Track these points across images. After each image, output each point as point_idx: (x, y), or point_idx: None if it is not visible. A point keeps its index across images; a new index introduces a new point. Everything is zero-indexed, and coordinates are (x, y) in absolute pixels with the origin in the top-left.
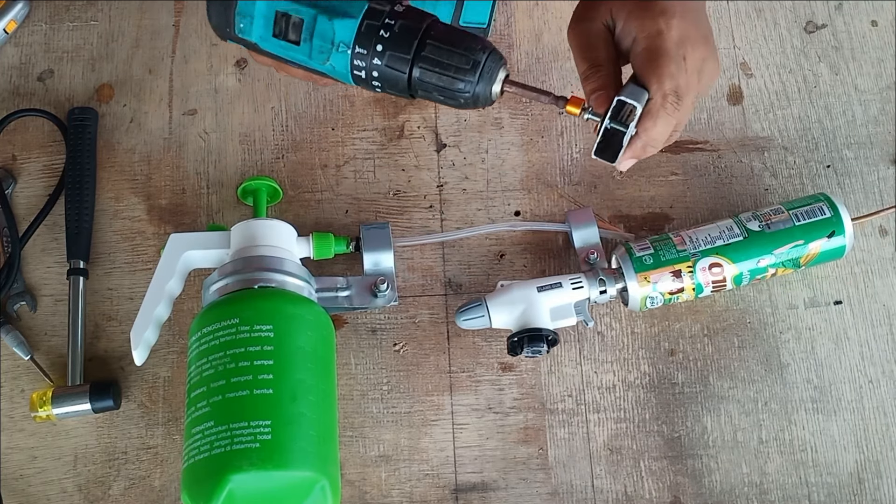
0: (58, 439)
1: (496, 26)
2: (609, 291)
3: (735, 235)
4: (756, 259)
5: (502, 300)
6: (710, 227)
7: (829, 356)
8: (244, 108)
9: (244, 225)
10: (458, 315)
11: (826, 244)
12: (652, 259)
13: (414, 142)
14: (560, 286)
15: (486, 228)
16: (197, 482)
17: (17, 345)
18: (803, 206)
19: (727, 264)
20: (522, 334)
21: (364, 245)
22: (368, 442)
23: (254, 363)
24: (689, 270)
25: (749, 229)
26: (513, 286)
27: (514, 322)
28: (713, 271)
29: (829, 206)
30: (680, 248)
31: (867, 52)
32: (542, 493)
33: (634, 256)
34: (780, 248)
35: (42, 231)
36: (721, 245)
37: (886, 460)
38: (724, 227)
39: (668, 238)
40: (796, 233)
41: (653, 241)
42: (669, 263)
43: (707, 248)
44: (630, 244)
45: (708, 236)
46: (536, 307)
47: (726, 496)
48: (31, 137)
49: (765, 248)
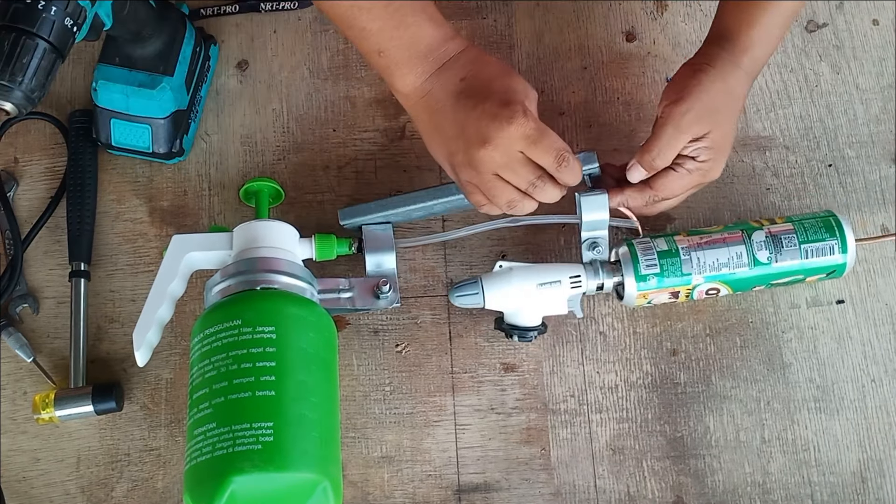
0: (60, 441)
1: (497, 26)
2: (606, 287)
3: (742, 265)
4: (753, 285)
5: (500, 288)
6: (719, 247)
7: (832, 355)
8: (245, 109)
9: (247, 226)
10: (453, 292)
11: (823, 277)
12: (657, 280)
13: (415, 142)
14: (559, 283)
15: (487, 226)
16: (199, 483)
17: (20, 347)
18: (817, 242)
19: (724, 288)
20: (514, 329)
21: (366, 246)
22: (371, 443)
23: (256, 364)
24: (688, 290)
25: (757, 260)
26: (512, 273)
27: (507, 309)
28: (709, 291)
29: (840, 243)
30: (686, 269)
31: (868, 50)
32: (545, 494)
33: (639, 273)
34: (779, 280)
35: (44, 233)
36: (726, 273)
37: (889, 459)
38: (734, 252)
39: (677, 256)
40: (801, 269)
41: (660, 257)
42: (672, 286)
43: (712, 274)
44: (636, 248)
45: (716, 261)
46: (532, 302)
47: (729, 496)
48: (33, 140)
49: (765, 279)
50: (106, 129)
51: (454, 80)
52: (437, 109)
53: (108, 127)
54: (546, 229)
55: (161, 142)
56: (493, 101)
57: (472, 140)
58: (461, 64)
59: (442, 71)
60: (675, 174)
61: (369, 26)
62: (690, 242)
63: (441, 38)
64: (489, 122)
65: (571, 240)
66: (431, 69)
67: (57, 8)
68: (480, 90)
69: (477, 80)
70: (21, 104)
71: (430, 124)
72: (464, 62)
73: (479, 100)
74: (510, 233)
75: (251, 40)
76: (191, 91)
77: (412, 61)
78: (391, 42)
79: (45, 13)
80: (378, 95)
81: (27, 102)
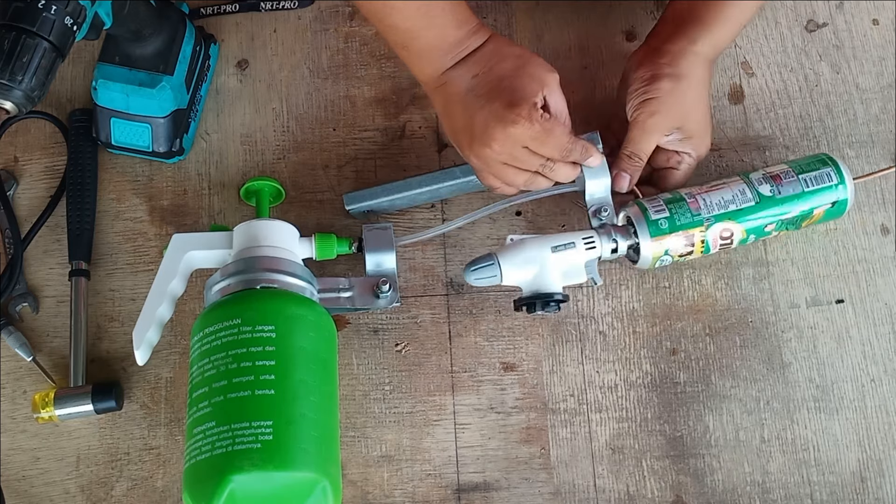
0: (60, 440)
1: (497, 26)
2: (620, 250)
3: (747, 200)
4: (764, 223)
5: (515, 259)
6: (722, 189)
7: (831, 355)
8: (245, 108)
9: (247, 225)
10: (468, 271)
11: (829, 207)
12: (667, 223)
13: (415, 142)
14: (573, 245)
15: (486, 210)
16: (198, 482)
17: (20, 346)
18: (812, 171)
19: (737, 228)
20: (536, 298)
21: (366, 246)
22: (370, 442)
23: (255, 363)
24: (702, 235)
25: (761, 193)
26: (525, 243)
27: (525, 281)
28: (723, 234)
29: (835, 172)
30: (695, 211)
31: (868, 50)
32: (545, 493)
33: (650, 220)
34: (788, 213)
35: (44, 232)
36: (734, 210)
37: (889, 459)
38: (737, 190)
39: (682, 200)
40: (804, 198)
41: (667, 203)
42: (684, 228)
43: (721, 212)
44: (643, 203)
45: (721, 199)
46: (549, 268)
47: (728, 495)
48: (33, 139)
49: (774, 213)
50: (106, 129)
51: (467, 76)
52: (449, 100)
53: (107, 126)
54: (545, 230)
55: (161, 141)
56: (500, 102)
57: (478, 136)
58: (476, 59)
59: (458, 66)
60: (669, 171)
61: (400, 25)
62: (693, 190)
63: (462, 37)
64: (495, 124)
65: None
66: (449, 64)
67: (57, 7)
68: (490, 89)
69: (488, 79)
70: (21, 103)
71: (444, 111)
72: (479, 57)
73: (487, 99)
74: (511, 229)
75: (251, 39)
76: (191, 90)
77: (433, 57)
78: (416, 41)
79: (46, 12)
80: (378, 94)
81: (27, 101)
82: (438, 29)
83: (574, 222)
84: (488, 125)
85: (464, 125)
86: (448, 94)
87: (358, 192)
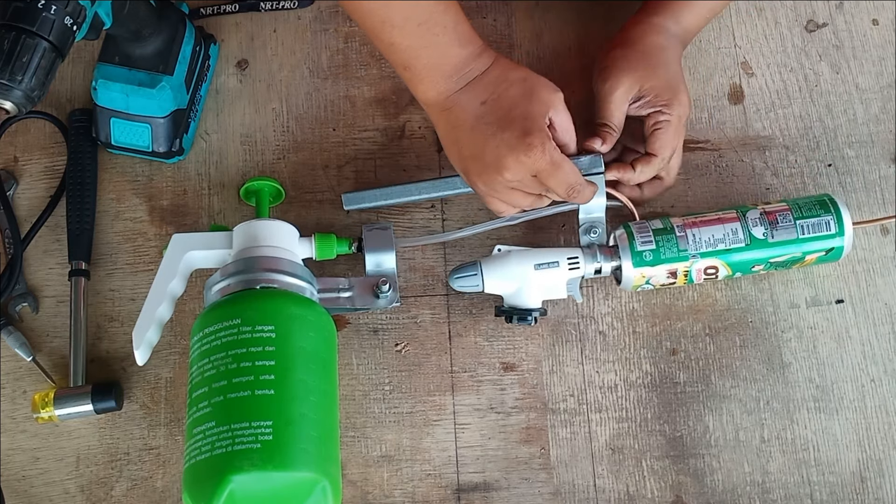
0: (60, 440)
1: (497, 26)
2: (604, 271)
3: (738, 241)
4: (752, 264)
5: (499, 271)
6: (714, 225)
7: (831, 355)
8: (245, 108)
9: (247, 225)
10: (453, 277)
11: (822, 255)
12: (652, 256)
13: (415, 142)
14: (557, 265)
15: (487, 226)
16: (198, 482)
17: (19, 346)
18: (811, 218)
19: (723, 267)
20: (513, 312)
21: (366, 246)
22: (370, 442)
23: (255, 363)
24: (686, 268)
25: (753, 236)
26: (511, 256)
27: (506, 293)
28: (708, 270)
29: (836, 221)
30: (682, 246)
31: (868, 50)
32: (545, 493)
33: (635, 250)
34: (777, 258)
35: (44, 232)
36: (722, 249)
37: (889, 459)
38: (729, 229)
39: (672, 233)
40: (798, 244)
41: (655, 234)
42: (668, 262)
43: (708, 250)
44: (632, 228)
45: (711, 237)
46: (530, 284)
47: (728, 495)
48: (33, 139)
49: (764, 255)
50: (106, 128)
51: (475, 102)
52: (457, 126)
53: (107, 126)
54: (546, 229)
55: (161, 141)
56: (513, 130)
57: (489, 165)
58: (483, 85)
59: (464, 91)
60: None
61: (398, 42)
62: (686, 221)
63: (466, 58)
64: (507, 153)
65: (572, 240)
66: (454, 88)
67: (57, 7)
68: (501, 117)
69: (498, 105)
70: (21, 103)
71: (449, 137)
72: (486, 83)
73: (499, 128)
74: (510, 232)
75: (251, 39)
76: (190, 90)
77: (436, 79)
78: (417, 60)
79: (45, 12)
80: (378, 95)
81: (27, 101)
82: (440, 48)
83: (572, 224)
84: (500, 154)
85: (472, 153)
86: (455, 119)
87: (357, 193)
